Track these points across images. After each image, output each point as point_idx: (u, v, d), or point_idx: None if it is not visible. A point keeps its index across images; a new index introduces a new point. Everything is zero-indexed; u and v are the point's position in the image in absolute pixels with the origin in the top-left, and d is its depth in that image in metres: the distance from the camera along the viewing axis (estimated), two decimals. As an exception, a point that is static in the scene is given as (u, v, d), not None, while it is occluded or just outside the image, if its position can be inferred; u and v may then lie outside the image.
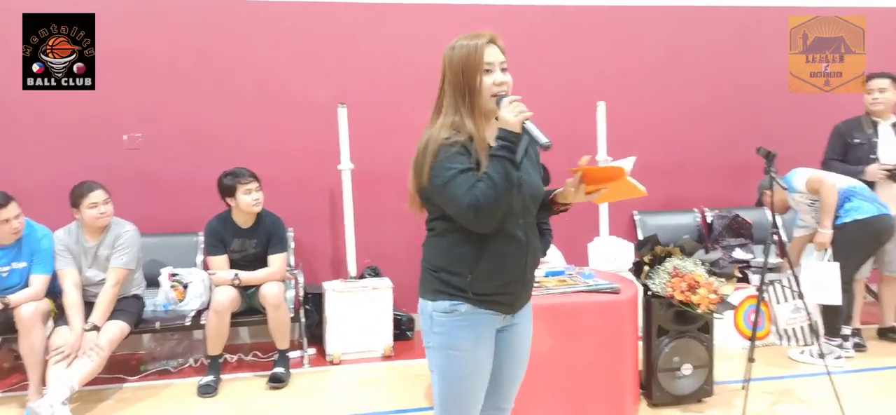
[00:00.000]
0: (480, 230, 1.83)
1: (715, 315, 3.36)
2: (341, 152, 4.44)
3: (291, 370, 4.06)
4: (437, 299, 1.92)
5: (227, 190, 3.95)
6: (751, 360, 3.37)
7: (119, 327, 3.69)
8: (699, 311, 3.28)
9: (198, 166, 4.59)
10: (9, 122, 4.40)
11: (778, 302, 4.42)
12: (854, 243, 3.96)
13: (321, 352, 4.42)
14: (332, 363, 4.25)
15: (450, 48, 1.91)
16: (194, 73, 4.63)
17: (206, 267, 4.19)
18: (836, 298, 3.74)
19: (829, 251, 3.97)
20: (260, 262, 4.04)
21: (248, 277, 3.96)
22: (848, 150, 4.32)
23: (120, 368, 4.16)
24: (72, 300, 3.65)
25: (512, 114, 1.80)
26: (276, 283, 3.95)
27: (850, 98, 4.48)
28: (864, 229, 3.94)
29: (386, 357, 4.34)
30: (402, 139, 4.83)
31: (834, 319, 4.04)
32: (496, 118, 1.85)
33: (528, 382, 3.05)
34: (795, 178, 4.14)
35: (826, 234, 3.98)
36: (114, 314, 3.74)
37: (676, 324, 3.41)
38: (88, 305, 3.72)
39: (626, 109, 5.03)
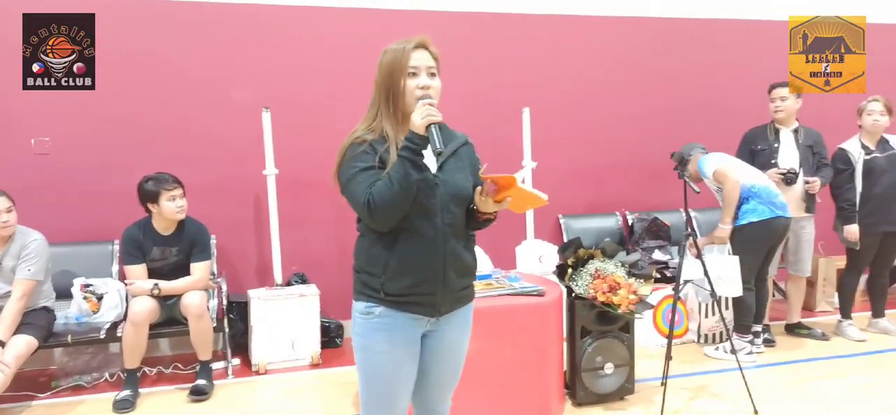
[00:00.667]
0: (379, 228, 1.88)
1: (635, 315, 3.47)
2: (266, 157, 4.35)
3: (215, 382, 3.94)
4: (358, 300, 1.97)
5: (148, 196, 3.80)
6: (669, 358, 3.50)
7: (26, 342, 3.49)
8: (620, 311, 3.38)
9: (112, 172, 4.40)
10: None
11: (704, 315, 4.61)
12: (750, 245, 4.13)
13: (246, 362, 4.32)
14: (257, 373, 4.15)
15: (383, 52, 1.95)
16: (109, 74, 4.43)
17: (122, 277, 4.01)
18: (736, 290, 3.92)
19: (728, 246, 4.15)
20: (181, 270, 3.90)
21: (168, 286, 3.82)
22: (753, 156, 4.55)
23: (28, 385, 3.93)
24: None
25: (419, 116, 1.83)
26: (198, 292, 3.83)
27: (758, 106, 4.70)
28: (759, 231, 4.11)
29: (314, 365, 4.28)
30: (328, 144, 4.81)
31: (743, 316, 4.24)
32: None
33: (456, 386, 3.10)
34: (707, 164, 4.25)
35: (725, 229, 4.15)
36: (20, 328, 3.54)
37: (599, 324, 3.51)
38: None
39: (550, 115, 5.15)
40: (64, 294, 3.95)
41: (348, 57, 4.74)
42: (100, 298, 3.95)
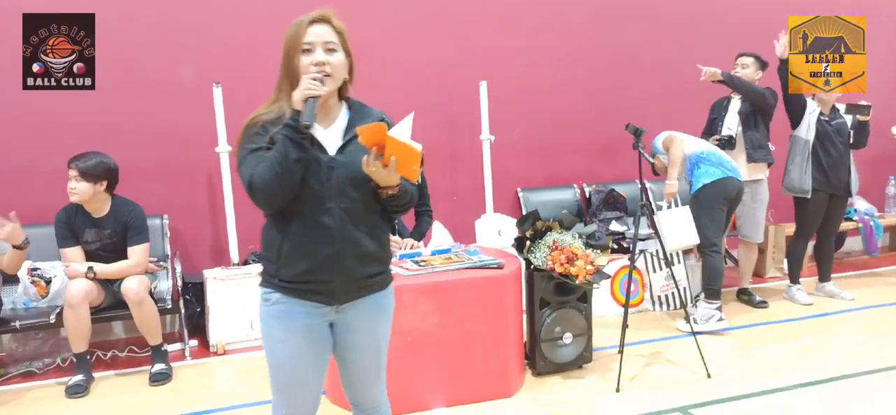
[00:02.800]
0: (264, 210, 1.83)
1: (592, 285, 3.52)
2: (219, 134, 4.25)
3: (172, 364, 3.87)
4: (260, 285, 1.92)
5: None
6: (625, 326, 3.57)
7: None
8: (577, 282, 3.43)
9: (57, 153, 4.22)
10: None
11: (653, 271, 4.71)
12: (707, 207, 4.27)
13: (204, 343, 4.25)
14: (216, 354, 4.09)
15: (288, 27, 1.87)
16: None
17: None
18: (693, 238, 4.09)
19: (678, 200, 4.33)
20: (121, 252, 3.77)
21: (103, 269, 3.69)
22: (711, 125, 4.76)
23: (-26, 373, 3.82)
24: None
25: (299, 89, 1.76)
26: (136, 277, 3.69)
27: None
28: (713, 192, 4.25)
29: (273, 344, 4.23)
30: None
31: (712, 280, 4.29)
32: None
33: (416, 357, 3.12)
34: (657, 140, 4.49)
35: (671, 184, 4.31)
36: (-36, 315, 3.42)
37: (557, 295, 3.55)
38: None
39: (507, 90, 5.15)
40: (10, 279, 3.81)
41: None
42: (48, 281, 3.83)
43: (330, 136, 1.86)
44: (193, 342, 4.19)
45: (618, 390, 3.38)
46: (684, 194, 4.49)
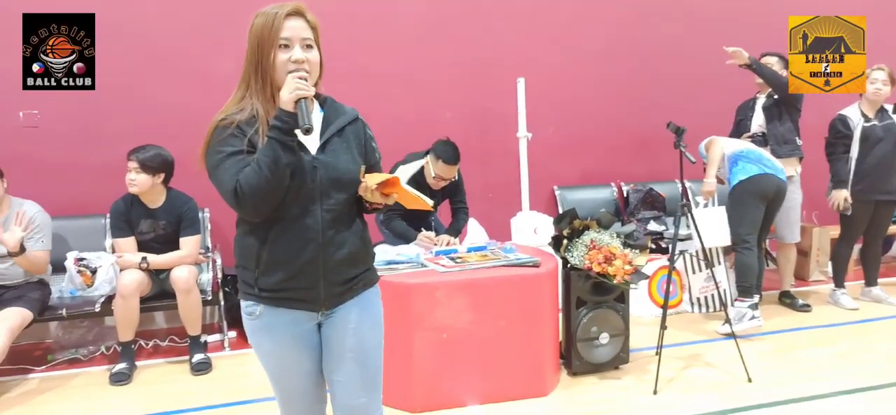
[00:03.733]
0: (250, 218, 1.72)
1: (630, 285, 3.48)
2: (259, 129, 4.31)
3: (211, 354, 3.95)
4: (241, 298, 1.81)
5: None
6: (663, 327, 3.52)
7: (20, 315, 3.48)
8: (615, 282, 3.39)
9: (105, 146, 4.35)
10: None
11: (693, 272, 4.63)
12: (740, 203, 4.22)
13: (242, 334, 4.30)
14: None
15: (255, 15, 1.73)
16: (100, 46, 4.37)
17: (114, 250, 3.99)
18: (725, 239, 4.12)
19: (715, 199, 4.33)
20: (172, 244, 3.88)
21: (156, 260, 3.80)
22: (738, 126, 4.76)
23: (24, 358, 3.94)
24: None
25: (287, 90, 1.64)
26: (186, 267, 3.80)
27: (752, 76, 4.66)
28: (747, 188, 4.19)
29: (309, 337, 4.28)
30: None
31: (744, 277, 4.20)
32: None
33: (450, 353, 3.12)
34: (701, 145, 4.49)
35: (709, 183, 4.29)
36: (15, 301, 3.54)
37: (594, 295, 3.52)
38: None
39: (544, 86, 5.11)
40: (58, 268, 3.94)
41: (334, 21, 4.67)
42: (94, 271, 3.93)
43: (308, 135, 1.74)
44: (232, 333, 4.26)
45: (655, 392, 3.34)
46: (723, 194, 4.43)
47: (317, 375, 1.88)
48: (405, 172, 1.75)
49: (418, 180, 3.89)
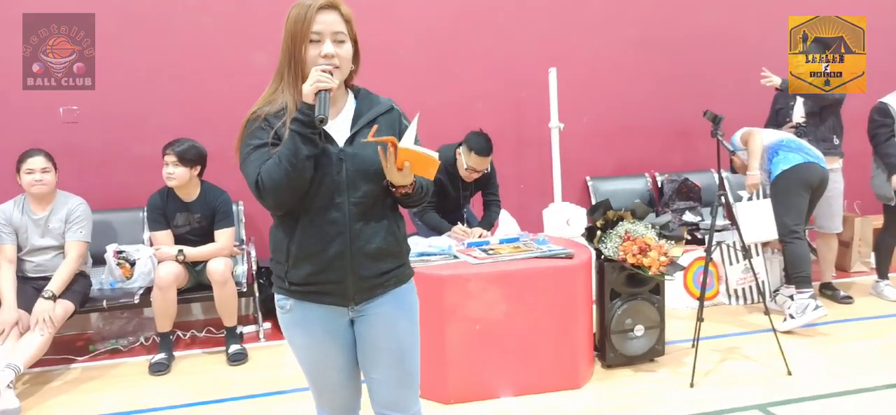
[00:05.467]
0: (272, 210, 1.73)
1: (665, 277, 3.43)
2: (291, 122, 4.34)
3: (247, 345, 4.00)
4: (274, 291, 1.82)
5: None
6: (700, 319, 3.47)
7: (64, 306, 3.58)
8: (650, 273, 3.34)
9: (141, 139, 4.43)
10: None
11: (730, 263, 4.55)
12: (785, 193, 4.11)
13: (277, 326, 4.34)
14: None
15: (290, 7, 1.72)
16: (131, 41, 4.45)
17: (151, 243, 4.07)
18: (771, 233, 4.01)
19: (760, 192, 4.20)
20: (207, 236, 3.94)
21: (193, 252, 3.87)
22: (776, 115, 4.65)
23: (66, 348, 4.04)
24: (5, 277, 3.55)
25: (309, 82, 1.62)
26: (222, 259, 3.86)
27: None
28: (791, 177, 4.10)
29: (343, 329, 4.31)
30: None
31: (798, 267, 4.08)
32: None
33: (484, 345, 3.12)
34: (735, 136, 4.37)
35: (753, 175, 4.17)
36: (57, 293, 3.63)
37: (628, 287, 3.47)
38: (25, 279, 3.66)
39: (577, 75, 5.06)
40: (98, 260, 4.03)
41: (370, 14, 4.68)
42: (132, 263, 4.02)
43: (338, 126, 1.74)
44: (267, 325, 4.31)
45: (692, 385, 3.29)
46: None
47: (350, 369, 1.87)
48: (408, 136, 1.68)
49: (451, 172, 3.89)
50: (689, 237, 4.60)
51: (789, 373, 3.38)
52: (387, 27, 4.67)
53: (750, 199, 4.17)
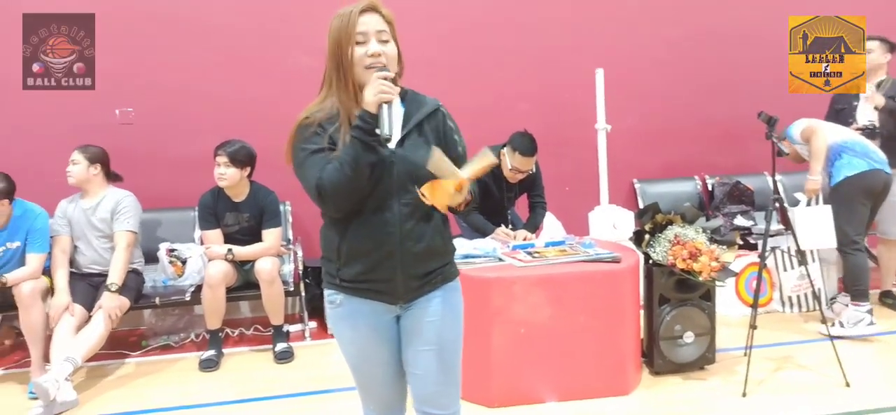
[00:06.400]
0: (332, 214, 1.76)
1: (717, 283, 3.34)
2: (338, 124, 4.38)
3: (293, 343, 4.06)
4: (324, 287, 1.87)
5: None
6: (753, 327, 3.37)
7: (120, 302, 3.68)
8: (701, 279, 3.26)
9: (192, 140, 4.54)
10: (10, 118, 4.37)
11: (784, 270, 4.41)
12: (848, 201, 3.94)
13: (322, 325, 4.42)
14: (332, 336, 4.23)
15: (332, 19, 1.77)
16: (185, 44, 4.56)
17: (202, 242, 4.16)
18: (830, 241, 3.81)
19: (819, 197, 4.00)
20: (256, 236, 4.01)
21: (241, 251, 3.94)
22: (836, 116, 4.38)
23: (121, 344, 4.16)
24: (57, 263, 3.70)
25: (371, 92, 1.66)
26: (270, 258, 3.92)
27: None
28: (856, 184, 3.92)
29: (387, 329, 4.33)
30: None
31: (857, 280, 3.95)
32: None
33: (528, 349, 3.09)
34: (794, 128, 4.16)
35: (815, 180, 3.98)
36: (113, 289, 3.74)
37: (678, 292, 3.40)
38: (80, 275, 3.80)
39: (623, 75, 4.97)
40: (151, 258, 4.14)
41: (415, 18, 4.69)
42: (184, 262, 4.11)
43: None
44: (313, 324, 4.37)
45: (744, 395, 3.19)
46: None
47: (396, 366, 1.90)
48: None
49: (496, 173, 3.87)
50: (741, 242, 4.48)
51: (847, 384, 3.26)
52: (429, 28, 4.68)
53: (808, 203, 3.99)
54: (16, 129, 4.40)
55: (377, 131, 1.66)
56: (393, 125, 1.67)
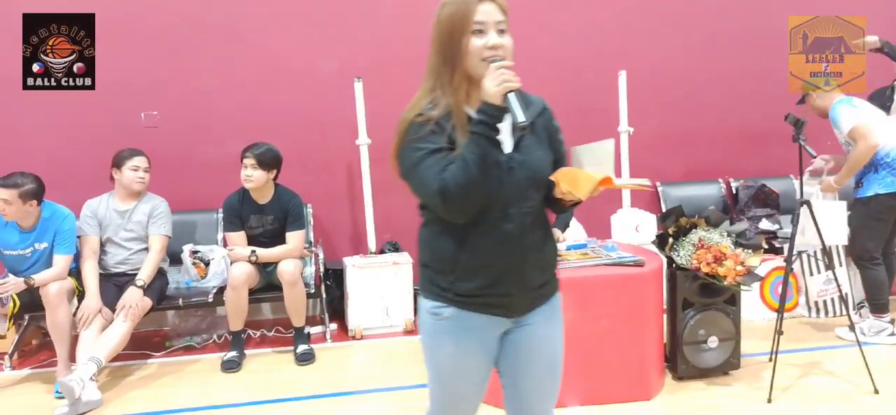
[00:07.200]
0: (454, 219, 1.60)
1: (742, 287, 3.30)
2: (359, 127, 4.40)
3: (313, 345, 4.07)
4: (426, 297, 1.71)
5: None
6: (779, 332, 3.31)
7: (144, 301, 3.72)
8: (725, 283, 3.22)
9: (216, 143, 4.58)
10: (10, 118, 4.42)
11: (811, 274, 4.34)
12: (876, 217, 3.81)
13: (343, 327, 4.43)
14: (353, 338, 4.25)
15: (440, 5, 1.63)
16: (209, 48, 4.60)
17: (226, 244, 4.19)
18: (841, 238, 3.72)
19: (836, 195, 3.89)
20: (279, 238, 4.03)
21: (265, 253, 3.96)
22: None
23: (144, 344, 4.21)
24: (88, 266, 3.75)
25: (494, 83, 1.52)
26: (292, 260, 3.94)
27: (872, 65, 4.28)
28: (886, 203, 3.77)
29: (407, 332, 4.34)
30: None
31: (877, 294, 3.88)
32: None
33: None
34: (842, 117, 3.79)
35: (835, 187, 3.85)
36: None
37: (702, 296, 3.35)
38: (108, 276, 3.85)
39: (645, 78, 4.93)
40: (174, 260, 4.18)
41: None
42: (207, 263, 4.15)
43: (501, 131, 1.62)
44: (333, 326, 4.38)
45: (769, 401, 3.14)
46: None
47: (483, 385, 1.78)
48: (588, 154, 1.61)
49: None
50: (766, 246, 4.41)
51: (876, 391, 3.19)
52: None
53: (824, 197, 3.87)
54: (137, 129, 4.49)
55: (520, 128, 1.53)
56: (525, 111, 1.52)
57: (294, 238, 4.03)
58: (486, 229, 1.61)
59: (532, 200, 1.64)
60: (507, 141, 1.64)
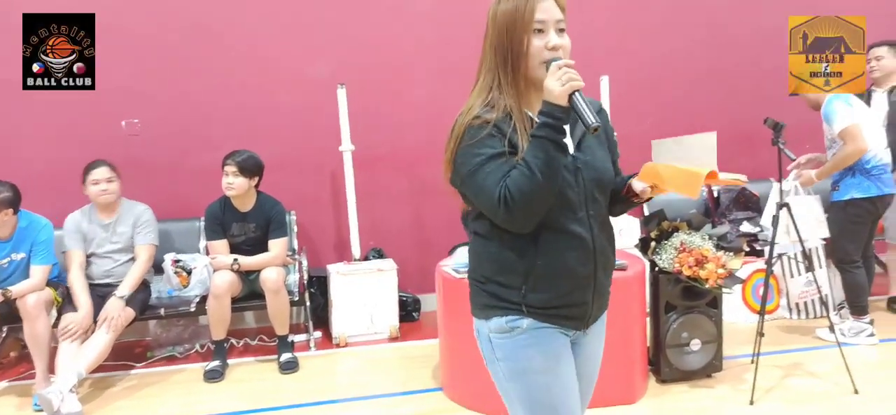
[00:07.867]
0: (516, 229, 1.50)
1: (723, 290, 3.32)
2: (342, 134, 4.38)
3: (297, 354, 4.05)
4: (490, 317, 1.59)
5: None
6: (760, 334, 3.34)
7: (126, 312, 3.68)
8: (707, 286, 3.24)
9: (197, 150, 4.55)
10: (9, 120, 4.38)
11: (791, 276, 4.38)
12: (854, 221, 3.85)
13: (327, 334, 4.41)
14: (338, 346, 4.23)
15: (495, 2, 1.55)
16: (188, 55, 4.57)
17: (207, 252, 4.16)
18: (823, 231, 3.83)
19: (811, 190, 3.97)
20: (261, 246, 4.01)
21: (247, 262, 3.93)
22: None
23: (126, 354, 4.16)
24: (78, 281, 3.68)
25: (558, 83, 1.43)
26: (275, 268, 3.92)
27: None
28: (864, 207, 3.80)
29: (392, 338, 4.32)
30: (400, 117, 4.80)
31: (857, 297, 3.92)
32: None
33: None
34: (837, 114, 3.74)
35: (815, 179, 3.90)
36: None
37: (684, 299, 3.38)
38: (92, 286, 3.78)
39: (630, 82, 4.97)
40: (157, 269, 4.13)
41: (422, 25, 4.69)
42: (189, 272, 4.10)
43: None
44: (317, 334, 4.35)
45: (751, 403, 3.17)
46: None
47: (578, 396, 1.68)
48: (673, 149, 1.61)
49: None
50: (747, 249, 4.45)
51: (856, 391, 3.23)
52: (435, 32, 4.68)
53: (797, 193, 3.90)
54: (120, 136, 4.44)
55: (592, 131, 1.44)
56: (594, 113, 1.44)
57: (276, 246, 4.00)
58: (559, 236, 1.53)
59: (599, 203, 1.60)
60: (569, 143, 1.56)
